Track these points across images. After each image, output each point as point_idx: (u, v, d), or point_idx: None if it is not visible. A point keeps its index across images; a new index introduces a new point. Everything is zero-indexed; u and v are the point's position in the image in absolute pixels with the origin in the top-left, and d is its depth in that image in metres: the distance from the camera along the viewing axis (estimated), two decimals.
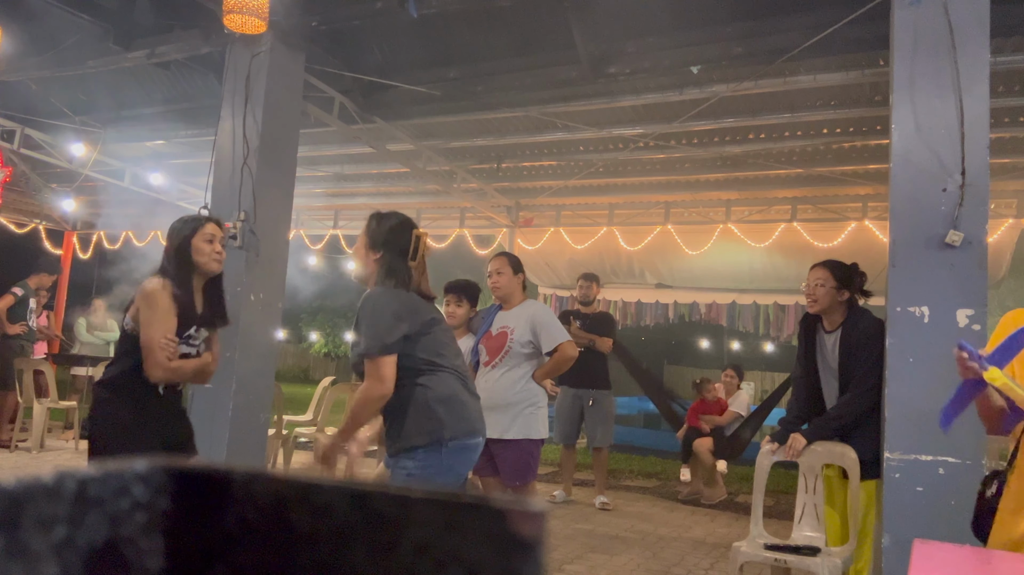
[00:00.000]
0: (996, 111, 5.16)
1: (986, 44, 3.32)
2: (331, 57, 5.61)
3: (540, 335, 3.83)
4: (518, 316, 3.92)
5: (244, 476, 0.40)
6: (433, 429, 2.63)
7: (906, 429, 3.18)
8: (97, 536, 0.38)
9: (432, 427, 2.63)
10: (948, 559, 1.44)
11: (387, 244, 2.82)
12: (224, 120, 4.87)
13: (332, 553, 0.38)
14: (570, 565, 4.31)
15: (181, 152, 8.41)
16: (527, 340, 3.84)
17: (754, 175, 7.63)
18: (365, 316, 2.65)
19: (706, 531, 5.41)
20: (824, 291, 3.46)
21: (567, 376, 5.92)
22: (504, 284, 3.96)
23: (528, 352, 3.86)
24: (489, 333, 3.97)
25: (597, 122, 6.46)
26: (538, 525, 0.35)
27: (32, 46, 5.62)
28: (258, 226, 4.68)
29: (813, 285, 3.49)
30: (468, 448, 2.73)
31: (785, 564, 3.30)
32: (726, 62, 5.02)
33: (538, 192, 8.71)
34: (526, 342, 3.85)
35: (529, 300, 4.08)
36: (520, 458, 3.77)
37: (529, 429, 3.78)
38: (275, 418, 5.65)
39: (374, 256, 2.81)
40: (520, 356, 3.85)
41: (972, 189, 3.21)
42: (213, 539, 0.40)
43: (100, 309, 8.93)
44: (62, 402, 7.32)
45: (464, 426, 2.70)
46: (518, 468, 3.77)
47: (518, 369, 3.84)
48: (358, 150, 7.71)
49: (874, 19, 3.90)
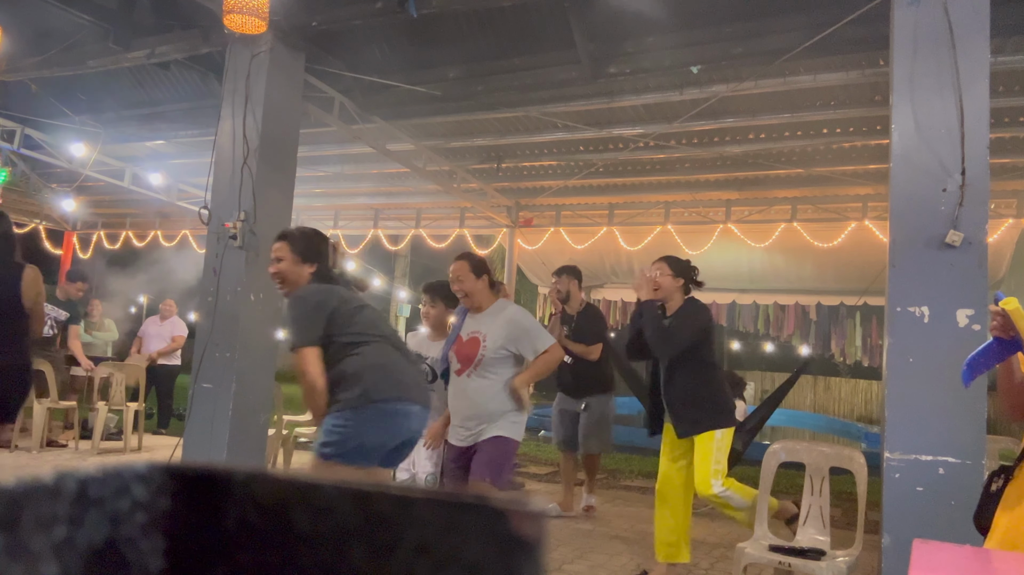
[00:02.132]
0: (996, 111, 5.16)
1: (986, 44, 3.32)
2: (331, 57, 5.61)
3: (521, 343, 3.51)
4: (491, 321, 3.58)
5: (244, 476, 0.40)
6: (363, 391, 2.86)
7: (906, 429, 3.18)
8: (97, 536, 0.38)
9: (361, 389, 2.87)
10: (948, 559, 1.44)
11: (319, 256, 3.19)
12: (224, 120, 4.88)
13: (332, 553, 0.38)
14: (570, 565, 4.31)
15: (181, 152, 8.41)
16: (500, 346, 3.51)
17: (754, 175, 7.63)
18: (290, 314, 2.98)
19: (706, 531, 5.41)
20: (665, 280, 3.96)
21: (560, 383, 5.81)
22: (468, 290, 3.61)
23: (502, 357, 3.52)
24: (460, 339, 3.65)
25: (597, 122, 6.46)
26: (538, 525, 0.35)
27: (32, 46, 5.63)
28: (258, 226, 4.68)
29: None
30: (398, 413, 2.93)
31: (789, 567, 3.28)
32: (726, 62, 5.02)
33: (538, 192, 8.71)
34: (499, 348, 3.51)
35: (501, 301, 3.69)
36: (497, 453, 3.49)
37: (511, 431, 3.53)
38: (275, 418, 5.65)
39: (309, 269, 3.14)
40: (495, 363, 3.51)
41: (972, 189, 3.21)
42: (213, 539, 0.40)
43: (99, 309, 8.92)
44: (62, 402, 7.31)
45: (395, 390, 2.92)
46: (492, 461, 3.48)
47: (495, 377, 3.51)
48: (358, 150, 7.71)
49: (874, 19, 3.90)
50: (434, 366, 4.00)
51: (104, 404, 7.20)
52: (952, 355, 3.14)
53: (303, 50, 5.10)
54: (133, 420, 7.36)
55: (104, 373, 7.53)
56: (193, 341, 4.88)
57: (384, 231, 10.33)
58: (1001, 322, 1.78)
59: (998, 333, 1.80)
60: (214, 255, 4.76)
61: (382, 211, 10.27)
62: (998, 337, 1.81)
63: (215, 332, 4.64)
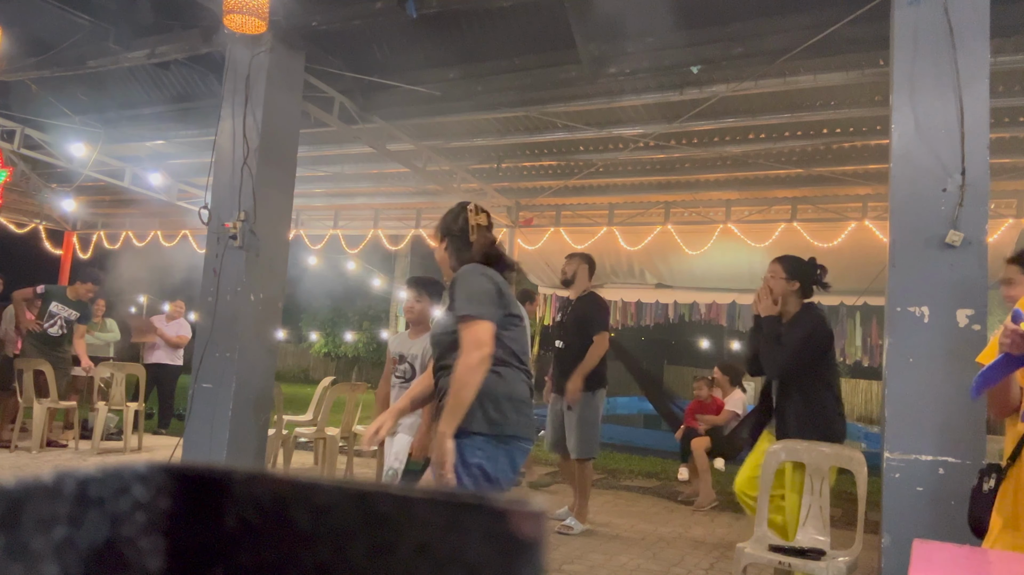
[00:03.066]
0: (996, 111, 5.16)
1: (986, 44, 3.32)
2: (331, 57, 5.62)
3: None
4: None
5: (244, 476, 0.40)
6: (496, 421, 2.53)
7: (906, 429, 3.18)
8: (97, 536, 0.38)
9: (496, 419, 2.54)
10: (948, 559, 1.44)
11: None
12: (224, 120, 4.88)
13: (332, 553, 0.38)
14: (570, 565, 4.31)
15: (181, 152, 8.41)
16: None
17: (754, 175, 7.63)
18: (462, 287, 2.57)
19: (706, 531, 5.41)
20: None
21: (553, 381, 5.62)
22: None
23: None
24: None
25: (597, 122, 6.46)
26: (538, 525, 0.35)
27: (32, 46, 5.63)
28: (258, 226, 4.68)
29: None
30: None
31: (789, 567, 3.27)
32: (726, 62, 5.03)
33: (538, 192, 8.71)
34: None
35: None
36: None
37: None
38: (275, 418, 5.65)
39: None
40: None
41: (972, 189, 3.21)
42: (213, 539, 0.40)
43: (101, 310, 8.92)
44: (62, 402, 7.31)
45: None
46: None
47: None
48: (358, 150, 7.71)
49: (874, 19, 3.91)
50: (413, 363, 4.01)
51: (104, 404, 7.20)
52: (952, 355, 3.14)
53: (303, 50, 5.10)
54: (133, 420, 7.36)
55: (104, 373, 7.53)
56: (193, 341, 4.89)
57: (384, 231, 10.33)
58: (1016, 341, 1.77)
59: (1011, 350, 1.80)
60: (214, 255, 4.76)
61: (382, 211, 10.27)
62: (1008, 353, 1.81)
63: (215, 332, 4.64)
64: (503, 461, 2.53)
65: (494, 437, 2.51)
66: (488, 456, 2.50)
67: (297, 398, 12.83)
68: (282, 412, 5.98)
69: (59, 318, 7.28)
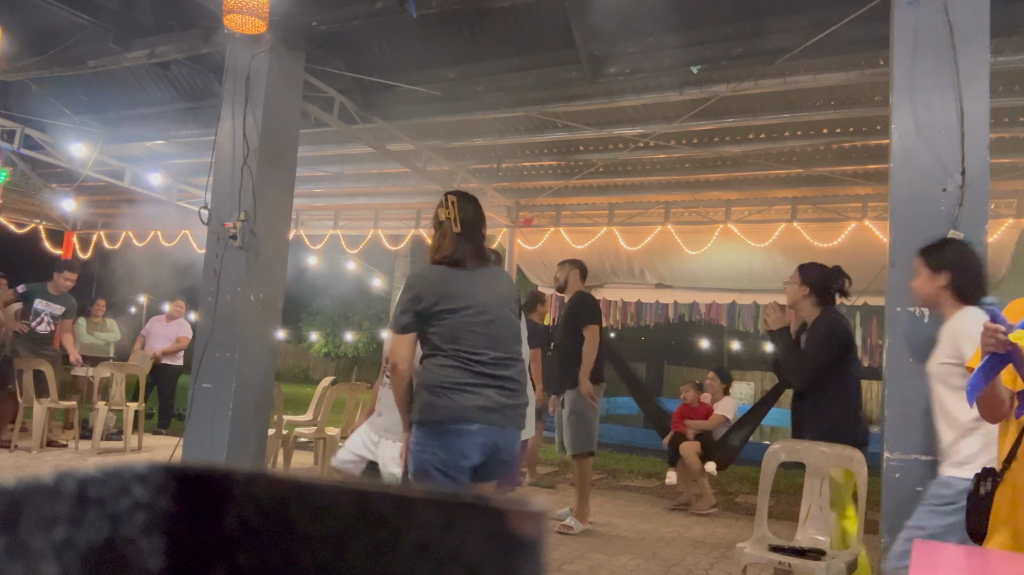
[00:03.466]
0: (996, 111, 5.16)
1: (986, 44, 3.32)
2: (331, 57, 5.62)
3: None
4: None
5: (244, 476, 0.40)
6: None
7: (906, 429, 3.18)
8: (97, 536, 0.38)
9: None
10: (948, 559, 1.44)
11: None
12: (224, 120, 4.87)
13: (332, 553, 0.38)
14: (570, 565, 4.31)
15: (181, 152, 8.41)
16: None
17: (754, 175, 7.63)
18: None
19: (706, 531, 5.41)
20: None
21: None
22: None
23: None
24: None
25: (597, 122, 6.46)
26: (538, 525, 0.35)
27: (32, 46, 5.63)
28: (258, 226, 4.68)
29: None
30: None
31: (789, 567, 3.27)
32: (726, 62, 5.02)
33: (538, 192, 8.71)
34: None
35: None
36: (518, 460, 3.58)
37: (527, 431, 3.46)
38: (275, 418, 5.65)
39: None
40: None
41: (972, 189, 3.21)
42: (213, 539, 0.40)
43: (101, 309, 8.92)
44: (62, 402, 7.31)
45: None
46: (513, 470, 3.44)
47: None
48: (358, 150, 7.71)
49: (874, 19, 3.90)
50: None
51: (104, 404, 7.20)
52: None
53: (303, 50, 5.10)
54: (133, 420, 7.36)
55: (104, 373, 7.52)
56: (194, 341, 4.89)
57: (384, 231, 10.33)
58: (997, 340, 1.80)
59: (994, 349, 1.82)
60: (214, 255, 4.76)
61: (382, 211, 10.27)
62: (992, 353, 1.83)
63: (215, 332, 4.64)
64: (434, 446, 2.71)
65: (424, 425, 2.73)
66: (420, 444, 2.74)
67: (297, 398, 12.82)
68: (282, 412, 5.99)
69: (45, 315, 7.26)
